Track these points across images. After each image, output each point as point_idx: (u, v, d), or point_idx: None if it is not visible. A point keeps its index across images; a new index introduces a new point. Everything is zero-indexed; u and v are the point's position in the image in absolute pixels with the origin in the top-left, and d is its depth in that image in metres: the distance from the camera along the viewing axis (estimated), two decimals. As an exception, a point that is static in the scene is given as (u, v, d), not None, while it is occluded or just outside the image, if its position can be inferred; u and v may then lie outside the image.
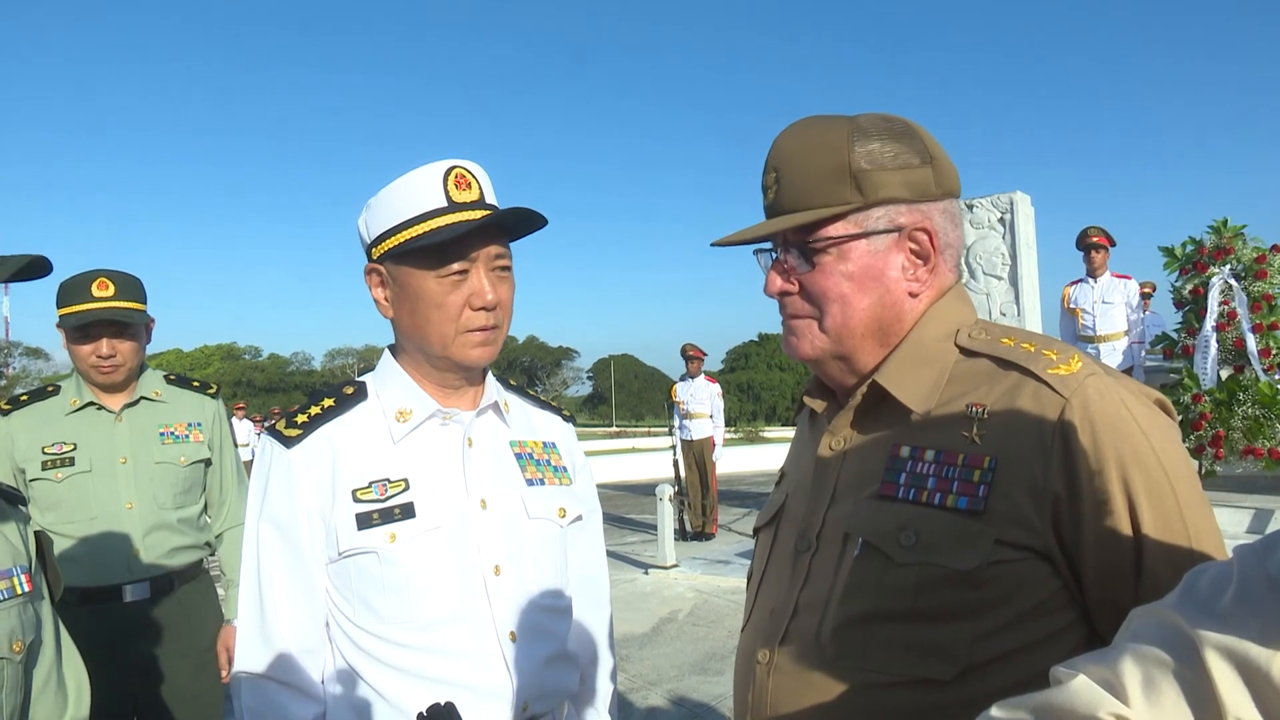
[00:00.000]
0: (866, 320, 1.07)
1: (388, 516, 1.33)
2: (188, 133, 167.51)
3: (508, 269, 1.40)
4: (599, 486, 1.71)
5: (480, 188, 1.37)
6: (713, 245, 1.15)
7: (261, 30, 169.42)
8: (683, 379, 10.49)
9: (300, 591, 1.36)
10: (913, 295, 1.08)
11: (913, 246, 1.07)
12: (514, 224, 1.40)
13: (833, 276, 1.07)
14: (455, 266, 1.33)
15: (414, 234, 1.33)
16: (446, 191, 1.33)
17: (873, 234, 1.06)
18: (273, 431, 1.41)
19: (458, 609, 1.34)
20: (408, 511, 1.34)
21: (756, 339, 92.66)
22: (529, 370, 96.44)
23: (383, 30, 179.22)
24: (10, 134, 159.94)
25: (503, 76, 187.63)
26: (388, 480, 1.36)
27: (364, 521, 1.33)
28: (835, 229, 1.06)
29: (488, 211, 1.36)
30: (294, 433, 1.39)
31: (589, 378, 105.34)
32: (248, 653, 1.36)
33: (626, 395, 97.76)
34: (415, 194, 1.34)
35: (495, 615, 1.35)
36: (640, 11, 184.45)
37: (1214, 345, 6.44)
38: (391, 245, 1.35)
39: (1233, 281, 6.41)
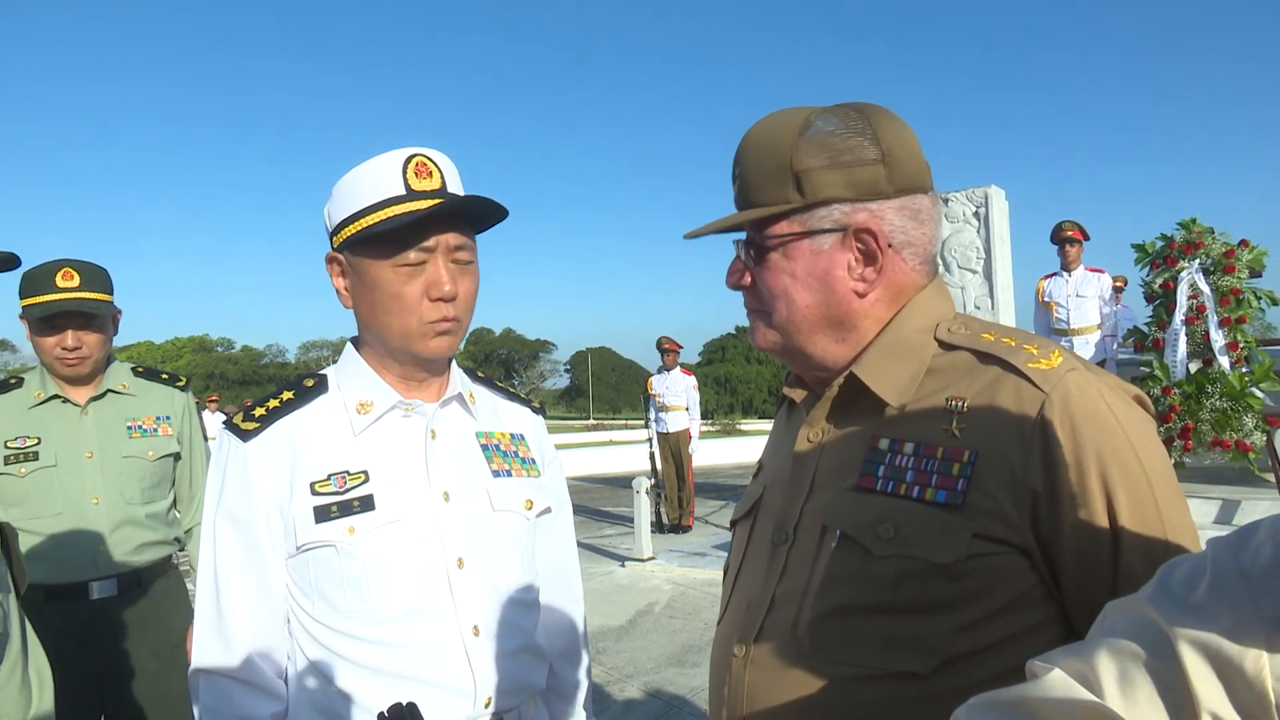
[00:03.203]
0: (810, 317, 1.08)
1: (346, 509, 1.31)
2: (162, 122, 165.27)
3: (470, 261, 1.37)
4: (575, 479, 1.71)
5: (442, 177, 1.34)
6: (685, 237, 1.17)
7: (245, 19, 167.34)
8: (659, 372, 10.50)
9: (257, 587, 1.34)
10: (860, 295, 1.07)
11: (859, 246, 1.06)
12: (473, 214, 1.37)
13: (777, 275, 1.08)
14: (412, 256, 1.31)
15: (370, 222, 1.30)
16: (405, 179, 1.31)
17: (816, 233, 1.06)
18: (230, 425, 1.39)
19: (418, 603, 1.32)
20: (367, 504, 1.32)
21: (733, 332, 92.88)
22: (506, 362, 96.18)
23: (360, 23, 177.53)
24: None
25: (487, 67, 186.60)
26: (347, 473, 1.34)
27: (322, 514, 1.31)
28: (781, 228, 1.07)
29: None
30: (251, 426, 1.37)
31: (566, 370, 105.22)
32: (204, 650, 1.34)
33: (603, 388, 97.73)
34: (374, 181, 1.32)
35: (458, 609, 1.34)
36: (626, 8, 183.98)
37: (1183, 339, 6.53)
38: (350, 233, 1.33)
39: (1198, 277, 6.50)
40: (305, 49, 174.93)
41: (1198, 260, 6.58)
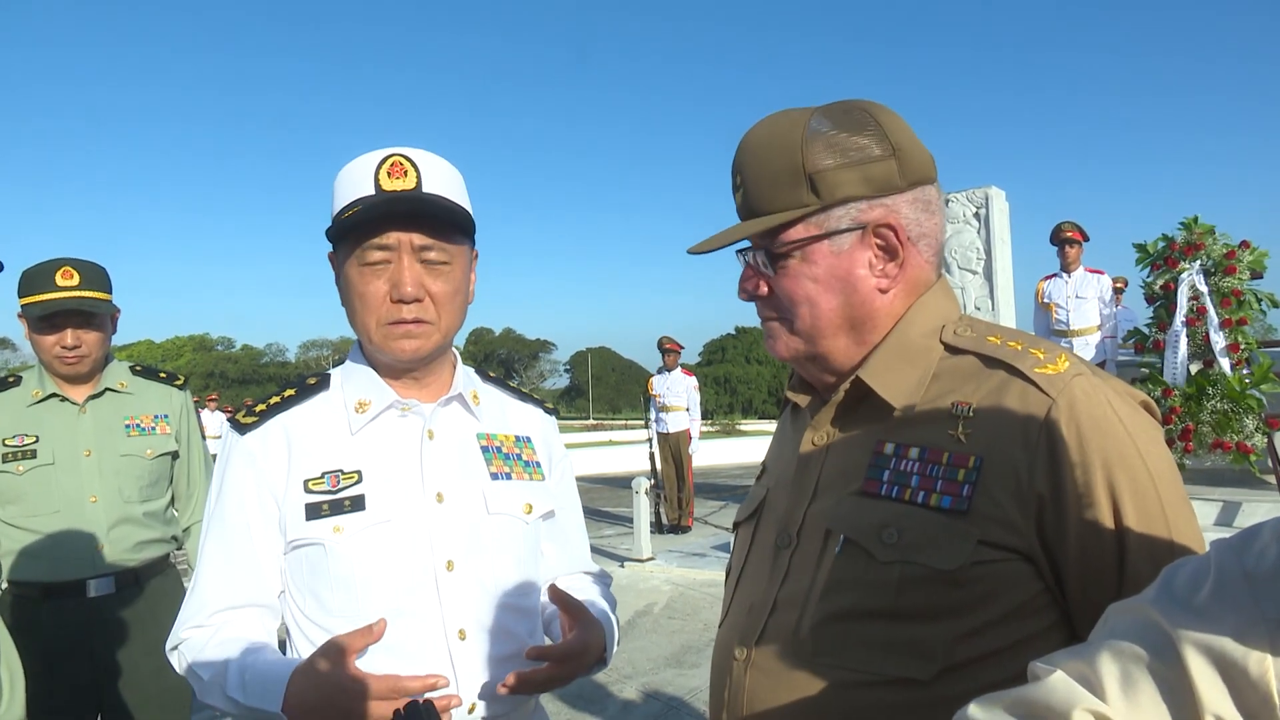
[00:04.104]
0: (835, 320, 1.06)
1: (337, 508, 1.31)
2: (164, 122, 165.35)
3: (446, 262, 1.34)
4: (575, 479, 1.69)
5: (418, 177, 1.32)
6: (689, 252, 1.14)
7: (246, 19, 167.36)
8: (659, 372, 10.50)
9: (241, 577, 1.33)
10: (882, 291, 1.06)
11: (879, 242, 1.05)
12: (442, 215, 1.33)
13: (798, 280, 1.06)
14: (371, 254, 1.30)
15: (340, 221, 1.32)
16: (376, 179, 1.31)
17: (835, 234, 1.04)
18: (232, 420, 1.41)
19: (404, 605, 1.30)
20: (357, 504, 1.32)
21: (733, 332, 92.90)
22: (506, 362, 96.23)
23: (362, 23, 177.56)
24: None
25: (488, 67, 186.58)
26: (340, 472, 1.34)
27: (313, 512, 1.31)
28: (796, 232, 1.05)
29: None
30: (250, 420, 1.38)
31: (566, 370, 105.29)
32: (178, 626, 1.35)
33: (604, 388, 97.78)
34: (351, 182, 1.33)
35: (445, 612, 1.32)
36: (627, 7, 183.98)
37: (1184, 340, 6.53)
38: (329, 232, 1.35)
39: (1197, 278, 6.49)
40: (306, 49, 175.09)
41: (1198, 261, 6.58)
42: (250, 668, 1.25)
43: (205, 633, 1.32)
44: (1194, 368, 6.59)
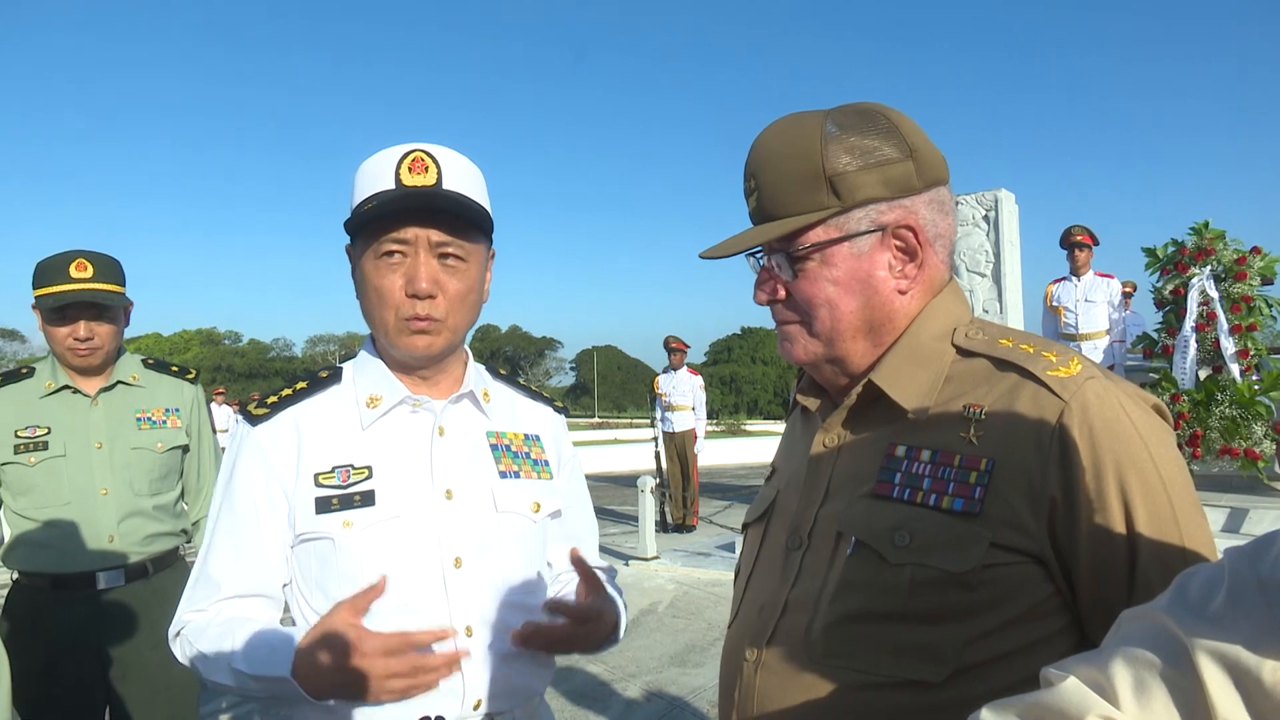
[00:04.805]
0: (855, 322, 1.06)
1: (346, 503, 1.32)
2: (173, 116, 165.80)
3: (461, 259, 1.34)
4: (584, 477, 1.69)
5: (439, 173, 1.33)
6: (701, 257, 1.14)
7: (255, 17, 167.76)
8: (665, 371, 10.51)
9: (247, 566, 1.34)
10: (902, 293, 1.07)
11: (898, 244, 1.05)
12: (459, 213, 1.32)
13: (818, 283, 1.06)
14: (388, 247, 1.30)
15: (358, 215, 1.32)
16: (397, 175, 1.31)
17: (855, 236, 1.04)
18: (243, 412, 1.42)
19: (411, 601, 1.31)
20: (367, 499, 1.32)
21: (739, 332, 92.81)
22: (512, 360, 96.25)
23: (370, 21, 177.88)
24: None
25: (495, 65, 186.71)
26: (351, 466, 1.34)
27: (322, 506, 1.32)
28: (816, 235, 1.05)
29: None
30: (261, 412, 1.38)
31: (572, 368, 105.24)
32: (181, 610, 1.36)
33: (609, 386, 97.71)
34: (372, 175, 1.33)
35: (452, 609, 1.33)
36: (633, 7, 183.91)
37: (1193, 346, 6.51)
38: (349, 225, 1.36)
39: (1208, 284, 6.47)
40: (311, 47, 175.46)
41: (1209, 267, 6.56)
42: (256, 636, 1.26)
43: (207, 616, 1.33)
44: (1203, 373, 6.57)
